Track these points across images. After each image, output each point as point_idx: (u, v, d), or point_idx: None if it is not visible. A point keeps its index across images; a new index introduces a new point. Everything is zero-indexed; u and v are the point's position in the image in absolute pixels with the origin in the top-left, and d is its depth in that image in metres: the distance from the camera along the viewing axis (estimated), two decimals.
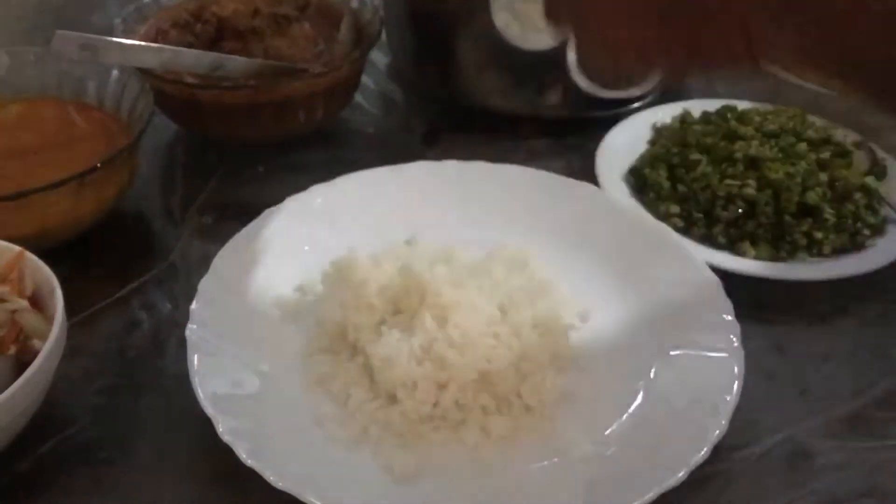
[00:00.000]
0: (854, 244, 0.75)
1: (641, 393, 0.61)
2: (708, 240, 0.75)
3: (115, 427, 0.60)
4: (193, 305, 0.62)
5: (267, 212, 0.71)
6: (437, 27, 0.91)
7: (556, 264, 0.71)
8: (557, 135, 0.91)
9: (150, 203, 0.81)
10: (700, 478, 0.55)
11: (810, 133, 0.82)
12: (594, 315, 0.68)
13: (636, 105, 0.91)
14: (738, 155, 0.78)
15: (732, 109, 0.87)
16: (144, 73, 0.77)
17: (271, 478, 0.51)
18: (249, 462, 0.52)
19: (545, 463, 0.57)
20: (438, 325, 0.62)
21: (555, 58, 0.86)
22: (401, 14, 0.94)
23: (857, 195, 0.76)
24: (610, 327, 0.67)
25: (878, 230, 0.76)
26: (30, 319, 0.57)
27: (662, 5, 0.44)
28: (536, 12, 0.82)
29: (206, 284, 0.64)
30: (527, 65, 0.87)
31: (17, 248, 0.60)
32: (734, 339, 0.62)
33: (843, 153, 0.81)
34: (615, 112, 0.89)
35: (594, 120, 0.88)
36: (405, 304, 0.64)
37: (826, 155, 0.79)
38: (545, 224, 0.75)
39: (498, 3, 0.83)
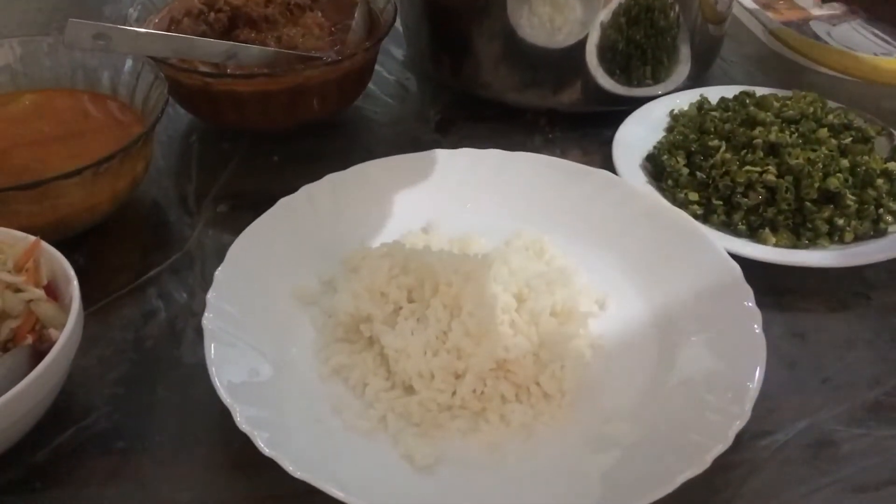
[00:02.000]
0: (876, 230, 0.74)
1: (662, 381, 0.60)
2: (728, 227, 0.74)
3: (132, 417, 0.60)
4: (210, 294, 0.61)
5: (282, 201, 0.71)
6: (453, 19, 0.90)
7: (573, 252, 0.71)
8: (573, 123, 0.90)
9: (165, 193, 0.81)
10: (722, 466, 0.54)
11: (831, 118, 0.81)
12: (612, 303, 0.67)
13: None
14: (758, 141, 0.77)
15: (751, 95, 0.86)
16: (158, 62, 0.77)
17: (290, 467, 0.51)
18: (267, 451, 0.52)
19: (564, 452, 0.57)
20: (452, 314, 0.61)
21: (572, 55, 0.85)
22: (416, 4, 0.94)
23: (879, 181, 0.75)
24: (628, 315, 0.66)
25: None
26: (46, 309, 0.57)
27: None
28: (553, 10, 0.82)
29: (222, 274, 0.63)
30: (543, 61, 0.86)
31: (32, 237, 0.60)
32: (755, 327, 0.61)
33: (864, 139, 0.80)
34: (633, 107, 0.88)
35: (611, 112, 0.87)
36: (418, 294, 0.64)
37: (847, 140, 0.78)
38: (561, 212, 0.74)
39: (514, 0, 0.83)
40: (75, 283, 0.57)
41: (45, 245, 0.60)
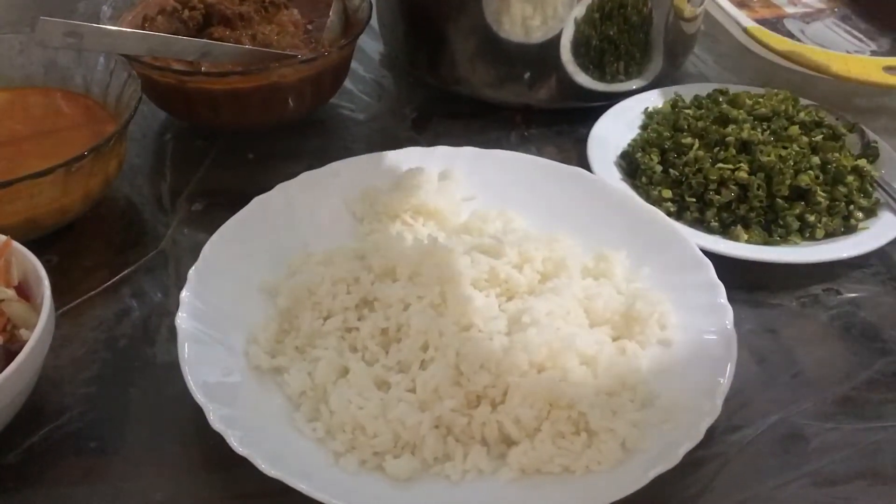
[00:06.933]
0: (846, 227, 0.75)
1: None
2: (700, 224, 0.75)
3: (105, 416, 0.60)
4: (183, 293, 0.61)
5: (257, 199, 0.71)
6: (429, 16, 0.90)
7: None
8: (549, 120, 0.90)
9: (139, 191, 0.80)
10: (694, 461, 0.55)
11: (802, 116, 0.82)
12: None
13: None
14: (731, 139, 0.77)
15: (724, 93, 0.87)
16: (131, 60, 0.76)
17: (263, 465, 0.51)
18: (241, 450, 0.52)
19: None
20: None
21: (546, 50, 0.85)
22: (392, 1, 0.94)
23: (850, 178, 0.76)
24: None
25: (870, 213, 0.76)
26: (17, 309, 0.57)
27: None
28: (527, 5, 0.82)
29: (196, 272, 0.63)
30: (518, 57, 0.87)
31: (3, 237, 0.60)
32: (726, 322, 0.62)
33: (835, 136, 0.80)
34: (607, 103, 0.88)
35: (586, 109, 0.88)
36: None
37: (818, 138, 0.79)
38: (535, 209, 0.74)
39: None
40: (46, 282, 0.57)
41: (16, 245, 0.60)
